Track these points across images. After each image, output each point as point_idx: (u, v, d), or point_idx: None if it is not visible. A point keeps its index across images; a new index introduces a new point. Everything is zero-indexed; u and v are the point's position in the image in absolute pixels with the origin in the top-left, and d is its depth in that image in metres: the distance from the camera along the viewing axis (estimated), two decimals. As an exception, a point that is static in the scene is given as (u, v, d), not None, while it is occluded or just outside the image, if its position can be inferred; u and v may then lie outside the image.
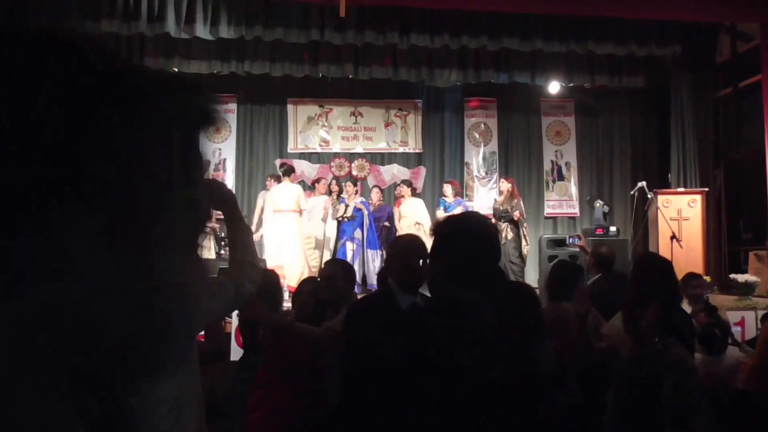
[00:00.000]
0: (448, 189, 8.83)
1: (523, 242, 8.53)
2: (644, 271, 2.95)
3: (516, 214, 8.41)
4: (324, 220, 8.67)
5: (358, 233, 8.44)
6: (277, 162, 10.28)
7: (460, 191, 9.24)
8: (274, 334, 2.99)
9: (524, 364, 1.59)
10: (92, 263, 0.57)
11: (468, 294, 1.59)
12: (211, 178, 8.65)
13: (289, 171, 8.55)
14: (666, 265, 2.95)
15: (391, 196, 9.88)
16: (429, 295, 1.90)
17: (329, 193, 8.97)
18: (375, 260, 8.35)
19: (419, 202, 8.82)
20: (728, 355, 3.85)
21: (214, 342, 2.54)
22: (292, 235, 8.13)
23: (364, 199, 8.95)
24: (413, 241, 2.89)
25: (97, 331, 0.99)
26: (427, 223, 8.64)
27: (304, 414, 2.97)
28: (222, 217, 2.05)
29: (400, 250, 2.71)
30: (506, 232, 8.44)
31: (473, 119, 10.64)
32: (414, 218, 8.54)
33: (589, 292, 4.10)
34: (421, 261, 2.60)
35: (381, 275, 3.31)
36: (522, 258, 8.51)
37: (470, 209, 9.17)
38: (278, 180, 8.85)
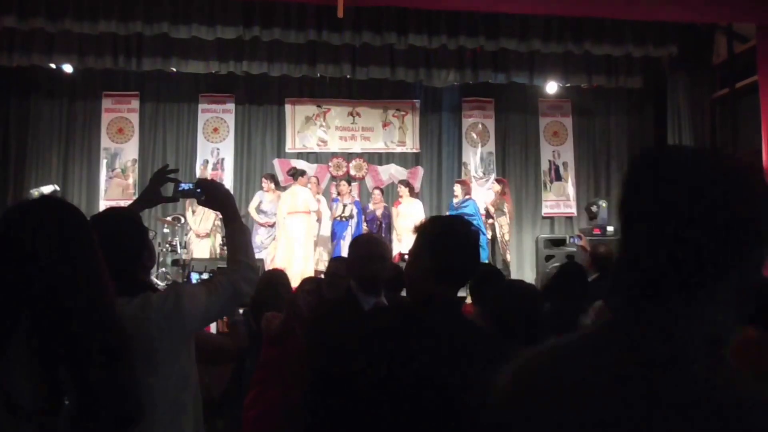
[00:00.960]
0: (458, 189, 8.82)
1: (501, 237, 8.50)
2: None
3: (489, 208, 8.49)
4: (319, 220, 8.70)
5: (348, 232, 8.49)
6: (276, 162, 10.29)
7: (470, 190, 9.20)
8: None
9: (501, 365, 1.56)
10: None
11: (448, 293, 1.66)
12: (209, 178, 8.66)
13: (298, 174, 8.67)
14: None
15: (389, 196, 9.88)
16: (406, 293, 1.92)
17: (338, 193, 9.04)
18: None
19: (417, 203, 8.83)
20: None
21: (235, 340, 2.52)
22: (304, 236, 8.21)
23: (357, 200, 8.97)
24: (373, 240, 2.82)
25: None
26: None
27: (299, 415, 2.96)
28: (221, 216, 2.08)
29: (360, 251, 2.60)
30: (489, 230, 8.49)
31: (471, 119, 10.65)
32: (410, 219, 8.54)
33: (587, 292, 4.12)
34: (383, 261, 2.54)
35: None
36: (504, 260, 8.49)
37: (479, 209, 9.14)
38: (273, 179, 8.89)
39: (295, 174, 8.68)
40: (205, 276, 2.26)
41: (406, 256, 6.05)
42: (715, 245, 0.79)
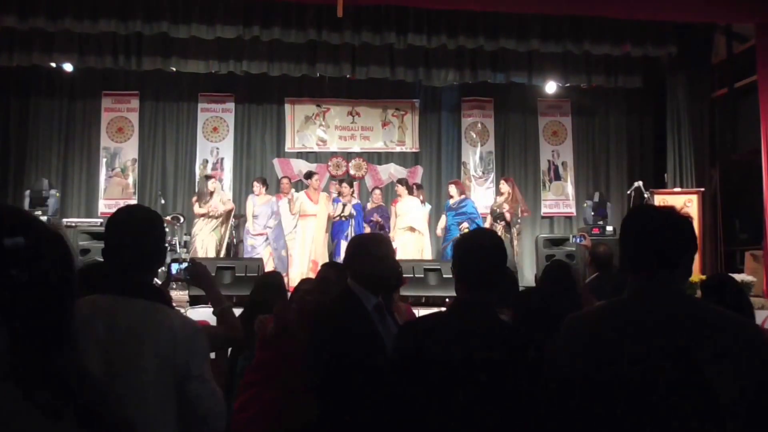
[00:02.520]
0: (453, 189, 8.80)
1: (514, 243, 8.45)
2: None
3: (507, 215, 8.35)
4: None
5: (348, 233, 8.52)
6: (275, 161, 10.31)
7: (464, 190, 9.20)
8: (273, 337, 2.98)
9: (538, 362, 1.82)
10: None
11: (477, 296, 2.00)
12: (211, 176, 8.65)
13: (307, 176, 8.79)
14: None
15: (388, 195, 9.88)
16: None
17: (338, 193, 9.05)
18: None
19: (415, 202, 8.83)
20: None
21: (232, 330, 2.58)
22: (308, 238, 8.37)
23: (358, 202, 8.98)
24: (376, 238, 2.72)
25: None
26: (422, 226, 8.64)
27: (295, 417, 2.95)
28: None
29: (361, 249, 2.52)
30: (501, 233, 8.39)
31: (470, 119, 10.66)
32: (407, 218, 8.55)
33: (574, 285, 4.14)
34: (385, 259, 2.50)
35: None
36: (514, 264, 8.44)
37: (476, 206, 9.11)
38: (264, 183, 8.87)
39: (309, 176, 8.79)
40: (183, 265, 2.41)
41: None
42: (676, 252, 1.56)
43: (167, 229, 8.63)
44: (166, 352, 1.65)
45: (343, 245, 8.39)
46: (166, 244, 1.94)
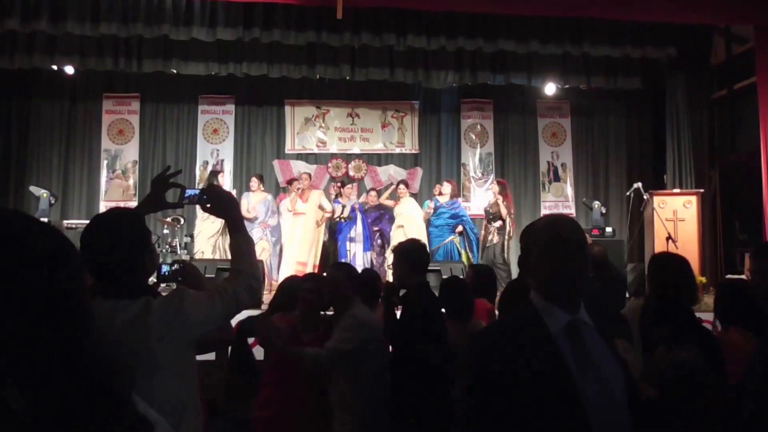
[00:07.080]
0: (447, 188, 8.84)
1: (506, 245, 8.49)
2: (662, 269, 2.96)
3: (504, 220, 8.47)
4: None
5: (353, 233, 8.56)
6: (275, 163, 10.33)
7: (457, 193, 9.24)
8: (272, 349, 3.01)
9: None
10: None
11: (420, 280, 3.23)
12: (214, 184, 8.68)
13: (289, 182, 8.90)
14: (683, 263, 3.00)
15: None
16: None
17: (338, 195, 9.07)
18: (366, 261, 8.49)
19: (412, 202, 8.89)
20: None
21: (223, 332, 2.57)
22: (311, 235, 8.51)
23: (360, 201, 9.01)
24: (572, 223, 1.67)
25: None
26: (421, 228, 8.67)
27: (313, 414, 3.00)
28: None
29: (555, 240, 1.59)
30: (493, 235, 8.46)
31: (469, 120, 10.68)
32: (405, 219, 8.59)
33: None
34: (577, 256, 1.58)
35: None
36: (505, 261, 8.46)
37: (466, 209, 9.21)
38: (261, 180, 8.92)
39: (291, 182, 8.91)
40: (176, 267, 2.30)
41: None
42: None
43: (167, 231, 8.66)
44: (162, 345, 1.69)
45: (348, 246, 8.47)
46: (149, 241, 1.90)
